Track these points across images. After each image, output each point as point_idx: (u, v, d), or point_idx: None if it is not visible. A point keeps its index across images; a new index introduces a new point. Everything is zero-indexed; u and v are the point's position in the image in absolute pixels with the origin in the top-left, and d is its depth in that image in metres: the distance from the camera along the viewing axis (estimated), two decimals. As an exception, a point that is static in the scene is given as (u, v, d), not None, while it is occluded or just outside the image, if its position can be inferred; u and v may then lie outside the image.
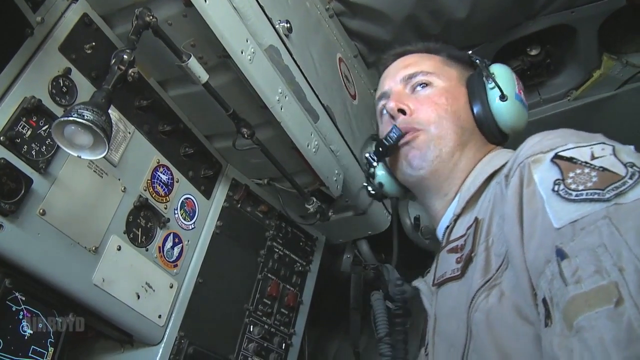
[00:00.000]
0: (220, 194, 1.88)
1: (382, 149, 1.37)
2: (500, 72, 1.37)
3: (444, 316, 1.16)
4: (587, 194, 0.82)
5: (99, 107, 1.09)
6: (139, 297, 1.47)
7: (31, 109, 1.24)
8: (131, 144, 1.53)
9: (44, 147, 1.27)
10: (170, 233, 1.63)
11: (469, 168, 1.29)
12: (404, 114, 1.34)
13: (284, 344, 1.96)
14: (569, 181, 0.86)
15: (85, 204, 1.36)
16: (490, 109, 1.32)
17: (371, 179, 1.51)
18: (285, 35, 1.62)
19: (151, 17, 1.29)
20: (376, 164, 1.48)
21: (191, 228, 1.72)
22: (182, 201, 1.70)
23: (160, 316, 1.54)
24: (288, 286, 2.05)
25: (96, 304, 1.37)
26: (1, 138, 1.18)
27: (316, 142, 1.72)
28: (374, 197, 1.57)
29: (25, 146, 1.23)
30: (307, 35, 1.81)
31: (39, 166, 1.25)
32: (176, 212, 1.67)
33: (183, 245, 1.67)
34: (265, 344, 1.88)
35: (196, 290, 1.68)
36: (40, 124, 1.27)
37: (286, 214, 1.99)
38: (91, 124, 1.05)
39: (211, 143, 1.85)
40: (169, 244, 1.62)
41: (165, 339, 1.56)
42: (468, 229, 1.13)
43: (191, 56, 1.37)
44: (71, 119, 1.05)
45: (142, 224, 1.54)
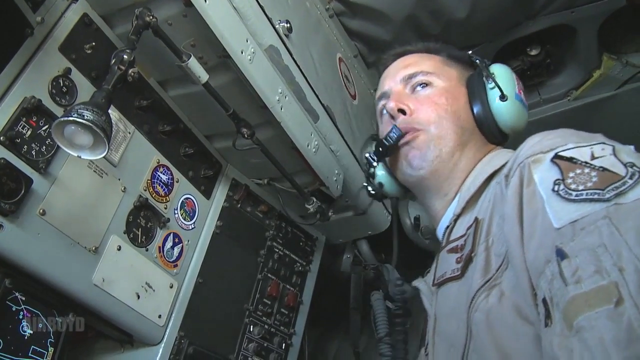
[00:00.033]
0: (220, 194, 1.88)
1: (382, 149, 1.37)
2: (500, 72, 1.37)
3: (444, 316, 1.16)
4: (587, 194, 0.83)
5: (99, 107, 1.09)
6: (139, 297, 1.47)
7: (31, 109, 1.24)
8: (131, 144, 1.53)
9: (44, 147, 1.27)
10: (170, 233, 1.63)
11: (469, 168, 1.29)
12: (404, 114, 1.34)
13: (284, 344, 1.96)
14: (569, 181, 0.86)
15: (85, 204, 1.36)
16: (490, 109, 1.33)
17: (371, 179, 1.51)
18: (285, 35, 1.62)
19: (151, 17, 1.29)
20: (376, 164, 1.48)
21: (191, 228, 1.72)
22: (182, 201, 1.70)
23: (160, 316, 1.54)
24: (288, 286, 2.05)
25: (96, 304, 1.37)
26: (1, 138, 1.18)
27: (316, 142, 1.72)
28: (374, 197, 1.57)
29: (25, 146, 1.23)
30: (307, 35, 1.81)
31: (39, 166, 1.25)
32: (176, 212, 1.67)
33: (183, 245, 1.67)
34: (265, 344, 1.88)
35: (196, 290, 1.68)
36: (40, 124, 1.27)
37: (286, 214, 1.99)
38: (91, 124, 1.05)
39: (211, 143, 1.85)
40: (169, 244, 1.62)
41: (165, 339, 1.56)
42: (468, 229, 1.13)
43: (191, 56, 1.37)
44: (71, 119, 1.05)
45: (142, 224, 1.54)
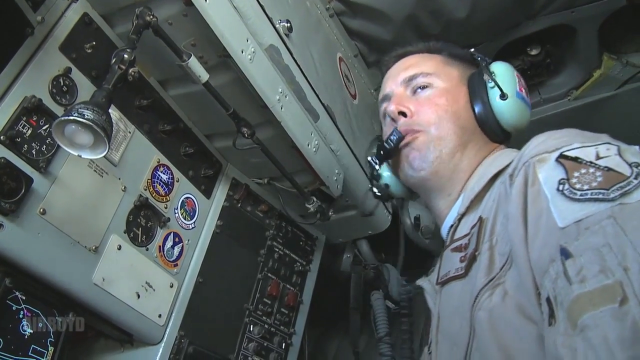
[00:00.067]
0: (221, 193, 1.87)
1: (383, 151, 1.39)
2: (501, 70, 1.37)
3: (447, 315, 1.16)
4: (591, 194, 0.83)
5: (99, 107, 1.09)
6: (139, 296, 1.47)
7: (31, 108, 1.24)
8: (131, 143, 1.52)
9: (44, 147, 1.27)
10: (171, 232, 1.63)
11: (472, 168, 1.30)
12: (405, 116, 1.35)
13: (284, 344, 1.96)
14: (573, 181, 0.86)
15: (85, 203, 1.36)
16: (491, 107, 1.33)
17: (375, 181, 1.52)
18: (286, 35, 1.62)
19: (151, 17, 1.29)
20: (378, 167, 1.49)
21: (191, 227, 1.72)
22: (183, 200, 1.70)
23: (160, 316, 1.54)
24: (288, 286, 2.04)
25: (96, 303, 1.36)
26: (1, 137, 1.18)
27: (316, 142, 1.72)
28: (380, 199, 1.58)
29: (26, 145, 1.23)
30: (307, 34, 1.80)
31: (39, 165, 1.24)
32: (176, 211, 1.67)
33: (183, 245, 1.67)
34: (265, 344, 1.88)
35: (196, 290, 1.68)
36: (40, 123, 1.26)
37: (286, 213, 1.99)
38: (91, 124, 1.05)
39: (211, 142, 1.85)
40: (169, 243, 1.62)
41: (165, 339, 1.56)
42: (472, 228, 1.13)
43: (191, 55, 1.37)
44: (71, 118, 1.05)
45: (143, 223, 1.54)
